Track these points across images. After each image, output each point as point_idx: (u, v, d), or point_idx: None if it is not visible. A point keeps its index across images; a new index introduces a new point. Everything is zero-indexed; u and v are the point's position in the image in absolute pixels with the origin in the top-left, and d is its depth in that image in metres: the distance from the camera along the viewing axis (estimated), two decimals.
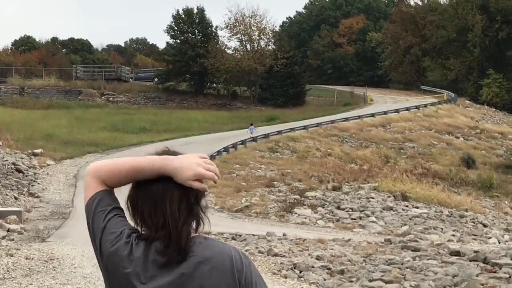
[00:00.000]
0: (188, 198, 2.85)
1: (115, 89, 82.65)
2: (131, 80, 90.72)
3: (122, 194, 3.06)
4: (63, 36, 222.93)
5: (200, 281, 2.75)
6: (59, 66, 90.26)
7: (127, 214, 2.97)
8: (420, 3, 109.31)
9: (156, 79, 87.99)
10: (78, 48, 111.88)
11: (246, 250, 19.56)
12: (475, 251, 19.27)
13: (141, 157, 2.98)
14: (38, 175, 39.75)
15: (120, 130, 60.92)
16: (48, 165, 43.51)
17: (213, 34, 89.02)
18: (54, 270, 14.94)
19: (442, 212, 37.12)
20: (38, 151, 45.85)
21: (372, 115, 72.16)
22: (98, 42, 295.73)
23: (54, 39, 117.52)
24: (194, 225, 2.85)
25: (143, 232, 2.85)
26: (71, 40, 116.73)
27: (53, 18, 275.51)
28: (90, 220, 2.94)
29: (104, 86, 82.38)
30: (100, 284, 13.52)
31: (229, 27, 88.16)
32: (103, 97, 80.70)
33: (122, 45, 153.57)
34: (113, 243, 2.82)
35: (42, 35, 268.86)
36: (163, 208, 2.80)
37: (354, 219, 33.72)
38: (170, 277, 2.76)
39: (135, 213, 2.91)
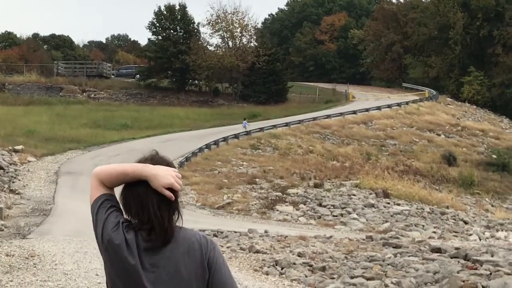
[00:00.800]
0: (166, 199, 3.64)
1: (97, 85, 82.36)
2: (112, 76, 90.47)
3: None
4: (44, 32, 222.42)
5: (176, 260, 3.62)
6: (40, 62, 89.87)
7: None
8: (402, 0, 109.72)
9: (137, 76, 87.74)
10: (59, 44, 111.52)
11: (227, 247, 19.55)
12: (456, 248, 19.33)
13: (129, 164, 3.75)
14: (19, 171, 39.54)
15: (102, 127, 60.72)
16: (29, 161, 43.29)
17: (195, 30, 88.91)
18: (35, 267, 14.87)
19: (423, 209, 37.25)
20: (19, 147, 45.60)
21: (354, 112, 72.26)
22: (80, 38, 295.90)
23: (35, 35, 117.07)
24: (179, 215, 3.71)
25: (133, 222, 3.66)
26: (52, 36, 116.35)
27: (34, 14, 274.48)
28: (95, 214, 3.73)
29: (85, 82, 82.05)
30: (81, 281, 13.48)
31: (211, 24, 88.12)
32: (84, 94, 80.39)
33: (104, 41, 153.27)
34: (113, 230, 3.63)
35: (23, 31, 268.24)
36: (148, 208, 3.60)
37: (336, 216, 33.77)
38: (153, 259, 3.61)
39: (125, 208, 3.69)
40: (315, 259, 17.67)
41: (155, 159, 3.79)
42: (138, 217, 3.62)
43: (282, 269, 16.29)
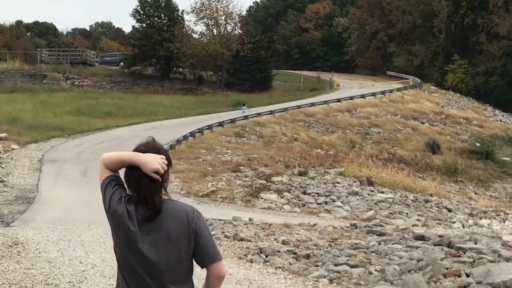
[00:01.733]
0: (155, 180, 4.61)
1: (81, 73, 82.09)
2: (96, 64, 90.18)
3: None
4: (27, 19, 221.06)
5: (167, 226, 4.59)
6: (23, 49, 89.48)
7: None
8: None
9: (121, 63, 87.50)
10: (43, 31, 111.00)
11: (212, 235, 19.53)
12: (440, 236, 19.39)
13: (126, 153, 4.73)
14: (2, 159, 39.41)
15: (86, 115, 60.54)
16: (13, 149, 43.14)
17: (179, 18, 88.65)
18: (19, 254, 14.84)
19: (407, 197, 37.34)
20: (2, 135, 45.44)
21: (338, 100, 72.34)
22: (63, 25, 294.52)
23: (19, 23, 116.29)
24: (164, 192, 4.66)
25: (133, 196, 4.64)
26: (36, 23, 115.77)
27: (18, 1, 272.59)
28: (103, 191, 4.74)
29: (69, 70, 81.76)
30: (65, 269, 13.46)
31: (195, 12, 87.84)
32: (68, 81, 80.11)
33: (88, 28, 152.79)
34: (117, 203, 4.64)
35: (6, 18, 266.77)
36: (142, 187, 4.58)
37: (320, 204, 33.80)
38: (149, 226, 4.59)
39: (127, 186, 4.69)
40: (300, 246, 17.70)
41: (149, 145, 4.75)
42: (136, 193, 4.63)
43: (266, 256, 16.31)
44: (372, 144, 57.82)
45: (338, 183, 39.06)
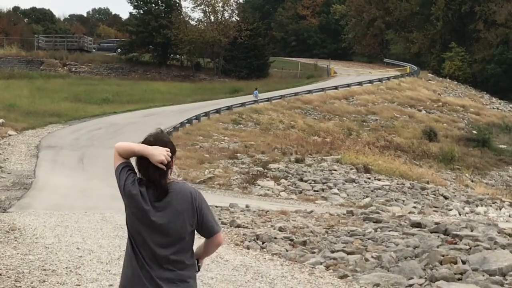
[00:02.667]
0: (161, 168, 5.47)
1: (78, 59, 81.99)
2: (93, 50, 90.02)
3: None
4: (24, 5, 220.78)
5: (175, 204, 5.47)
6: (20, 35, 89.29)
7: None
8: None
9: (119, 50, 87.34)
10: (40, 17, 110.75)
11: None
12: (436, 223, 19.43)
13: (136, 144, 5.59)
14: None
15: (83, 101, 60.45)
16: (10, 135, 43.10)
17: (177, 5, 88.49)
18: (16, 240, 14.86)
19: (404, 185, 37.37)
20: None
21: (336, 87, 72.32)
22: (60, 12, 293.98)
23: (16, 9, 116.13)
24: (169, 176, 5.52)
25: (143, 180, 5.51)
26: (33, 9, 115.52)
27: None
28: (118, 174, 5.58)
29: (66, 56, 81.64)
30: (62, 254, 13.49)
31: None
32: (65, 68, 80.00)
33: (85, 15, 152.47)
34: (132, 185, 5.49)
35: (3, 4, 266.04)
36: (150, 173, 5.47)
37: (317, 191, 33.82)
38: (160, 203, 5.45)
39: (139, 171, 5.54)
40: (296, 233, 17.73)
41: (157, 137, 5.59)
42: (145, 177, 5.50)
43: (263, 243, 16.34)
44: (369, 132, 57.84)
45: (335, 170, 39.08)
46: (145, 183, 5.49)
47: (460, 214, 30.30)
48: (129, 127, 47.55)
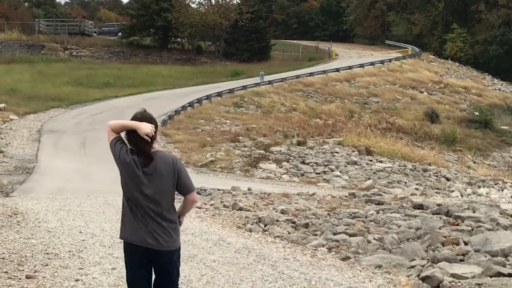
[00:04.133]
0: (146, 139, 6.81)
1: (79, 43, 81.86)
2: (94, 34, 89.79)
3: None
4: None
5: (160, 168, 6.83)
6: (21, 20, 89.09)
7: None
8: None
9: (120, 34, 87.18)
10: (41, 2, 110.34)
11: (211, 205, 19.59)
12: (438, 205, 19.44)
13: (126, 120, 6.91)
14: (1, 130, 39.42)
15: (84, 85, 60.40)
16: (12, 120, 43.13)
17: None
18: (18, 224, 14.88)
19: (406, 166, 37.40)
20: (1, 105, 45.43)
21: (337, 70, 72.26)
22: None
23: None
24: (153, 146, 6.89)
25: (134, 150, 6.83)
26: None
27: None
28: (113, 146, 6.87)
29: (67, 40, 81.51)
30: (65, 238, 13.52)
31: None
32: (66, 52, 79.88)
33: None
34: (126, 154, 6.82)
35: None
36: (138, 143, 6.81)
37: (319, 173, 33.84)
38: (149, 169, 6.83)
39: (128, 143, 6.85)
40: (298, 216, 17.75)
41: (143, 114, 6.95)
42: (135, 147, 6.84)
43: (265, 226, 16.35)
44: (370, 114, 57.80)
45: (337, 152, 39.09)
46: (135, 152, 6.83)
47: (462, 196, 30.33)
48: (130, 110, 47.11)
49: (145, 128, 6.77)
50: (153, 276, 7.14)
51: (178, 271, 7.30)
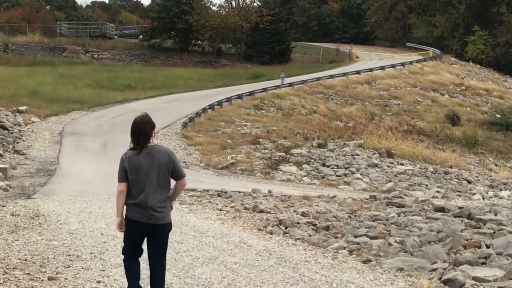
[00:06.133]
0: (148, 137, 8.52)
1: (100, 46, 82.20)
2: (115, 37, 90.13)
3: None
4: None
5: (158, 157, 8.46)
6: (43, 22, 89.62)
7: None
8: None
9: (141, 36, 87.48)
10: (62, 5, 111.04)
11: (231, 207, 19.63)
12: (460, 207, 19.37)
13: (116, 209, 8.64)
14: (23, 132, 39.62)
15: (105, 87, 60.63)
16: (33, 122, 43.34)
17: None
18: (40, 226, 14.94)
19: (427, 169, 37.28)
20: (23, 108, 45.65)
21: (358, 72, 72.15)
22: None
23: None
24: (151, 141, 8.52)
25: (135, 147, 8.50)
26: None
27: None
28: (121, 172, 8.59)
29: (88, 43, 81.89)
30: (86, 240, 13.57)
31: None
32: (87, 54, 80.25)
33: (107, 1, 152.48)
34: (129, 163, 8.52)
35: None
36: (141, 141, 8.48)
37: (339, 176, 33.79)
38: (149, 159, 8.44)
39: (133, 141, 8.50)
40: (319, 218, 17.74)
41: (143, 118, 8.55)
42: (137, 144, 8.48)
43: (286, 228, 16.35)
44: (391, 116, 57.65)
45: (357, 155, 39.03)
46: (132, 148, 8.51)
47: (483, 198, 30.20)
48: (151, 113, 47.12)
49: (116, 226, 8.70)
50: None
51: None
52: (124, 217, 8.58)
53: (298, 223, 16.84)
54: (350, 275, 11.71)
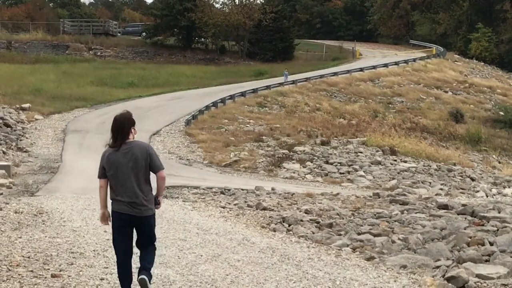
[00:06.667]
0: (127, 133, 9.11)
1: (103, 43, 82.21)
2: (119, 34, 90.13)
3: None
4: None
5: (136, 153, 8.97)
6: (46, 20, 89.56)
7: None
8: None
9: (144, 34, 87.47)
10: (65, 2, 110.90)
11: (235, 204, 19.64)
12: (463, 205, 19.35)
13: (100, 202, 9.68)
14: (26, 129, 39.66)
15: (108, 85, 60.64)
16: (36, 119, 43.40)
17: None
18: (44, 223, 14.95)
19: (430, 166, 37.26)
20: (26, 105, 45.70)
21: (361, 69, 72.06)
22: None
23: None
24: (130, 137, 9.11)
25: (113, 144, 9.07)
26: None
27: None
28: (101, 168, 9.22)
29: (91, 40, 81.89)
30: (89, 237, 13.57)
31: None
32: (90, 52, 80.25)
33: None
34: (108, 158, 9.11)
35: None
36: (118, 137, 9.05)
37: (343, 173, 33.78)
38: (127, 155, 8.99)
39: (113, 136, 9.06)
40: (322, 216, 17.73)
41: (123, 114, 9.22)
42: (116, 140, 9.01)
43: (289, 225, 16.35)
44: (395, 114, 57.59)
45: (361, 152, 39.02)
46: (116, 145, 9.01)
47: (487, 196, 30.15)
48: (154, 110, 47.67)
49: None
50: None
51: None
52: (107, 210, 9.45)
53: (302, 220, 16.84)
54: (353, 273, 11.70)
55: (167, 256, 12.22)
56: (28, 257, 11.68)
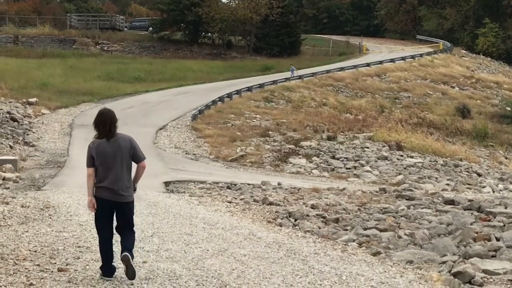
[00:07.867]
0: (112, 126, 10.09)
1: (110, 38, 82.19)
2: (125, 29, 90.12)
3: None
4: None
5: (121, 145, 10.01)
6: (53, 14, 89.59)
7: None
8: None
9: (150, 28, 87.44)
10: None
11: (241, 199, 19.64)
12: (470, 200, 19.35)
13: (87, 190, 10.25)
14: (33, 124, 39.71)
15: (115, 80, 60.67)
16: (43, 114, 43.44)
17: None
18: (50, 218, 14.98)
19: (437, 162, 37.22)
20: (33, 100, 45.76)
21: (368, 64, 72.00)
22: None
23: None
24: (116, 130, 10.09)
25: (100, 136, 10.10)
26: None
27: None
28: (89, 158, 10.17)
29: (98, 35, 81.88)
30: (96, 231, 13.58)
31: None
32: (97, 46, 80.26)
33: None
34: (96, 148, 10.11)
35: None
36: (106, 129, 10.07)
37: (349, 168, 33.77)
38: (113, 146, 10.01)
39: (98, 130, 10.18)
40: (329, 211, 17.73)
41: (105, 110, 10.31)
42: (102, 131, 10.03)
43: (295, 220, 16.36)
44: (401, 109, 57.55)
45: (367, 147, 39.00)
46: (98, 137, 10.09)
47: (493, 191, 30.12)
48: (161, 105, 47.70)
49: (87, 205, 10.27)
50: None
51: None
52: (94, 197, 10.03)
53: (308, 215, 16.85)
54: (360, 268, 11.71)
55: (174, 251, 12.24)
56: (35, 251, 11.71)
